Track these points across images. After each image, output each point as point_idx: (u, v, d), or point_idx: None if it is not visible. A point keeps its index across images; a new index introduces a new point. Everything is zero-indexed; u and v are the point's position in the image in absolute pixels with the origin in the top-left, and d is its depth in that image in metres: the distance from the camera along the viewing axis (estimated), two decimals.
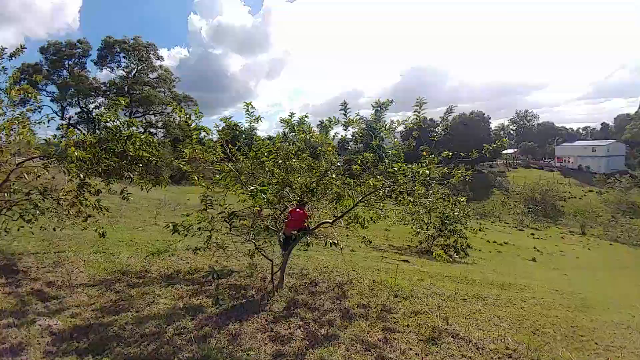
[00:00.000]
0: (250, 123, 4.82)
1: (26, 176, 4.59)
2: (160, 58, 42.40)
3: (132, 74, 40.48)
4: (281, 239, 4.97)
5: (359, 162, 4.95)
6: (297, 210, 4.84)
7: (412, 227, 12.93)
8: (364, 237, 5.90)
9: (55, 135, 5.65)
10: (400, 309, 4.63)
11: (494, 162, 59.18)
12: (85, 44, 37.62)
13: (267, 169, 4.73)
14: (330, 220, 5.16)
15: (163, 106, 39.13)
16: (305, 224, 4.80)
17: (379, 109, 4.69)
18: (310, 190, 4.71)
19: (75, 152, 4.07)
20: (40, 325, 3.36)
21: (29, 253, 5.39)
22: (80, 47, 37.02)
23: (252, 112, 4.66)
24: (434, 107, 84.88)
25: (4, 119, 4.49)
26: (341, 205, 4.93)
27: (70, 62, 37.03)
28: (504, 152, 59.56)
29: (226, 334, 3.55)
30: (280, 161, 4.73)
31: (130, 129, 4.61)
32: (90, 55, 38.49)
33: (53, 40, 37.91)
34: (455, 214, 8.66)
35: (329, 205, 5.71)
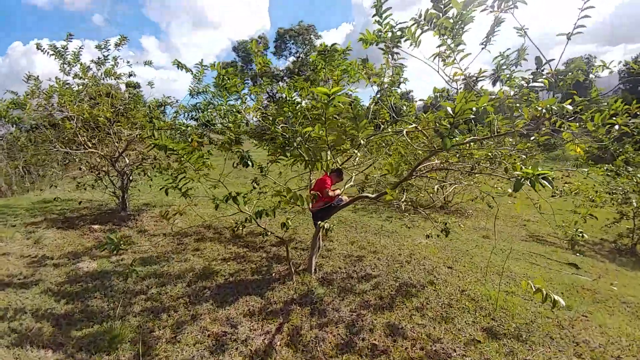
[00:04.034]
0: None
1: None
2: (319, 37, 45.88)
3: (299, 57, 46.09)
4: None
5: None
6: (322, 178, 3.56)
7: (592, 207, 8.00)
8: (446, 224, 3.82)
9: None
10: None
11: None
12: (264, 39, 45.66)
13: None
14: (372, 195, 3.52)
15: (324, 82, 42.70)
16: (326, 193, 3.46)
17: None
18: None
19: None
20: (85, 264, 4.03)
21: (150, 206, 6.86)
22: (261, 42, 45.33)
23: None
24: None
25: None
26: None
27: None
28: None
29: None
30: None
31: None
32: (269, 47, 46.43)
33: (241, 40, 48.21)
34: None
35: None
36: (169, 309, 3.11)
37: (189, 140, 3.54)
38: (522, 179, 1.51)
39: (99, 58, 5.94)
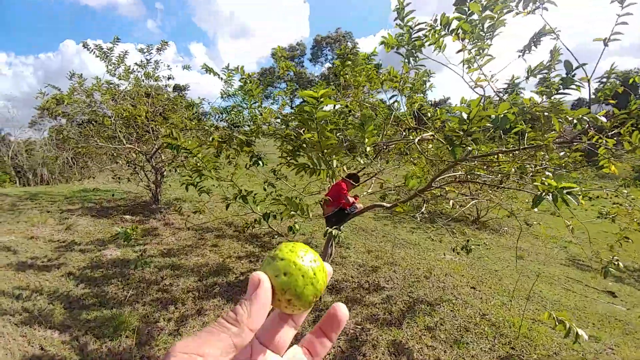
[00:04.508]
0: None
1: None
2: (356, 44, 46.04)
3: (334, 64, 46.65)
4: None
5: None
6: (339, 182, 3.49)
7: None
8: (468, 240, 3.57)
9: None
10: None
11: None
12: (302, 45, 46.73)
13: None
14: (387, 204, 3.37)
15: (346, 88, 42.91)
16: (345, 198, 3.38)
17: None
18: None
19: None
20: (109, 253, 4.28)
21: (181, 201, 7.19)
22: (298, 49, 46.46)
23: None
24: None
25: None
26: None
27: (293, 62, 47.46)
28: None
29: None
30: None
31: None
32: (305, 54, 47.40)
33: (280, 47, 49.86)
34: None
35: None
36: (177, 301, 3.20)
37: (211, 140, 3.67)
38: (543, 193, 1.33)
39: (141, 61, 6.41)
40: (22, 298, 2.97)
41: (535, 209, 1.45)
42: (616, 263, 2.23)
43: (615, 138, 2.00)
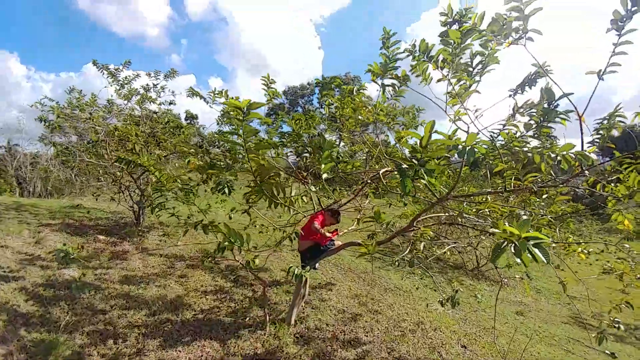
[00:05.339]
0: None
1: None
2: (363, 87, 48.32)
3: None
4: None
5: None
6: (316, 215, 3.23)
7: None
8: (457, 291, 3.19)
9: None
10: None
11: None
12: (312, 85, 48.92)
13: None
14: (359, 241, 3.06)
15: (362, 127, 44.05)
16: (314, 227, 3.09)
17: None
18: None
19: None
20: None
21: (164, 225, 6.89)
22: (308, 88, 48.58)
23: None
24: None
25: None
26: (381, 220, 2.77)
27: (302, 100, 49.32)
28: None
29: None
30: None
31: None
32: (315, 94, 49.52)
33: (291, 85, 52.20)
34: None
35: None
36: (119, 336, 2.80)
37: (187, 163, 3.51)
38: (504, 243, 1.06)
39: (147, 84, 6.55)
40: None
41: (498, 264, 1.16)
42: (617, 326, 1.87)
43: (612, 184, 1.75)
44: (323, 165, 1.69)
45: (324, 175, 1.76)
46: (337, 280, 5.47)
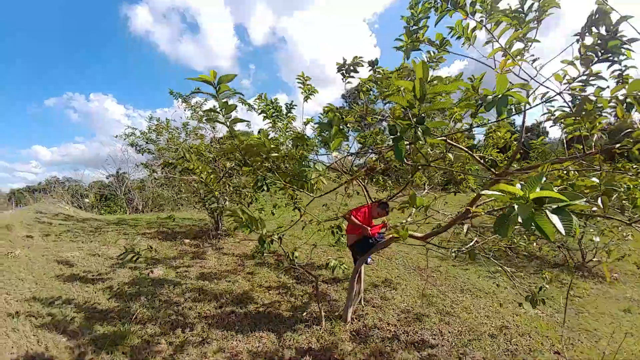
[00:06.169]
0: None
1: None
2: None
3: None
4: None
5: None
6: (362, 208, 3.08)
7: None
8: (541, 288, 2.64)
9: None
10: None
11: None
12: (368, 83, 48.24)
13: None
14: (420, 234, 2.76)
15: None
16: (352, 221, 2.93)
17: None
18: None
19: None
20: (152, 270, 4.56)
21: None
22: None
23: None
24: None
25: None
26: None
27: (361, 102, 49.06)
28: None
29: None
30: None
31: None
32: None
33: (349, 88, 52.18)
34: None
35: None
36: (187, 325, 3.12)
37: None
38: (512, 211, 0.75)
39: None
40: (54, 305, 3.30)
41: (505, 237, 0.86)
42: None
43: None
44: (332, 143, 1.57)
45: (334, 154, 1.64)
46: (403, 279, 5.12)
